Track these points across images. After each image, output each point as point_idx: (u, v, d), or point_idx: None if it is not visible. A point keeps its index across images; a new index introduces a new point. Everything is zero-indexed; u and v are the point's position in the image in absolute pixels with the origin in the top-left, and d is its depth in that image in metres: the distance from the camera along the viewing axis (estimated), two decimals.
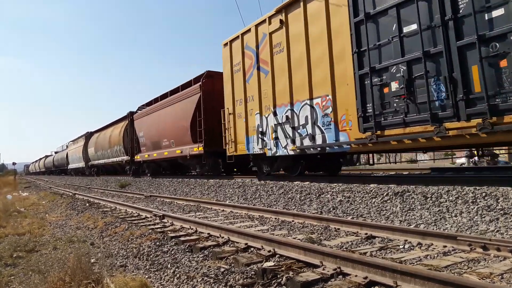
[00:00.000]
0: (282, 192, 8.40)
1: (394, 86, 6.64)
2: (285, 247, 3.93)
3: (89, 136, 32.19)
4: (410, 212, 5.59)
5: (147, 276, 3.99)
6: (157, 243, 5.10)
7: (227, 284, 3.32)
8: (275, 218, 6.38)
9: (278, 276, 3.25)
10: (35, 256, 5.42)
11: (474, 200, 5.24)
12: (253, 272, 3.45)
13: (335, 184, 7.91)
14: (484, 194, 5.27)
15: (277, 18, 9.50)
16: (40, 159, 73.53)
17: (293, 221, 5.98)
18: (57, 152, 54.21)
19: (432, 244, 4.01)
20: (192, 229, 5.73)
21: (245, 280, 3.32)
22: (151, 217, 7.35)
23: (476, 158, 16.12)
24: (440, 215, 5.20)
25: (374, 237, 4.56)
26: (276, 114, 9.66)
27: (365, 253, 3.86)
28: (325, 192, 7.48)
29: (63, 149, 47.42)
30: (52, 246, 5.95)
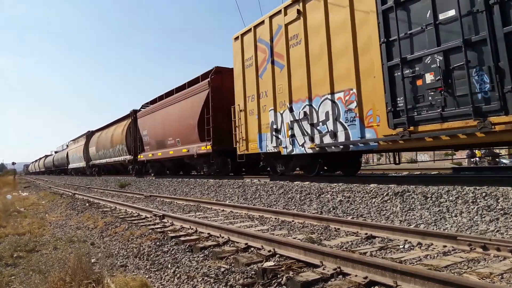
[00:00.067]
0: (282, 192, 8.41)
1: (429, 78, 6.16)
2: (285, 247, 3.94)
3: (90, 135, 31.53)
4: (410, 212, 5.60)
5: (148, 276, 4.00)
6: (157, 243, 5.11)
7: (227, 284, 3.32)
8: (275, 218, 6.38)
9: (278, 276, 3.25)
10: (36, 256, 5.43)
11: (474, 200, 5.25)
12: (253, 272, 3.45)
13: (335, 184, 7.91)
14: (484, 194, 5.28)
15: (294, 8, 8.94)
16: (40, 159, 73.44)
17: (293, 221, 5.99)
18: (57, 152, 53.97)
19: (432, 244, 4.02)
20: (192, 229, 5.74)
21: (245, 280, 3.33)
22: (151, 217, 7.35)
23: (477, 158, 16.12)
24: (440, 215, 5.20)
25: (374, 237, 4.57)
26: (293, 110, 9.16)
27: (365, 253, 3.86)
28: (325, 192, 7.48)
29: (63, 149, 47.06)
30: (53, 246, 5.95)
